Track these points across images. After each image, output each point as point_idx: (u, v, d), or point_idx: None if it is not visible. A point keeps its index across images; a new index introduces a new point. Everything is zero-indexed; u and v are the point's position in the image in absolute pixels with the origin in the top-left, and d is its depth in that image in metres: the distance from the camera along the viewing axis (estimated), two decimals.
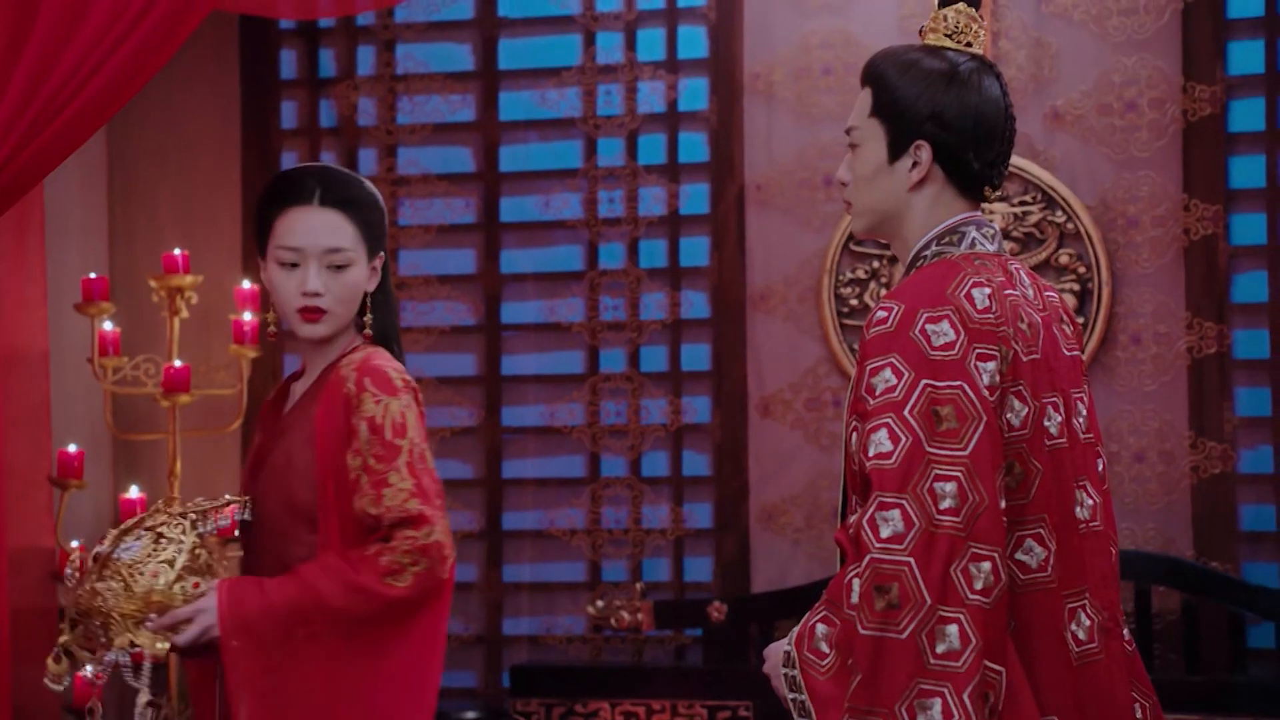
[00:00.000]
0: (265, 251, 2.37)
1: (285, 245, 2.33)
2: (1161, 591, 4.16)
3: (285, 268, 2.33)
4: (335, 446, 2.28)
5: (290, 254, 2.33)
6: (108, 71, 3.07)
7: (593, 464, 4.60)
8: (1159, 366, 4.27)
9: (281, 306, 2.37)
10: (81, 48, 3.06)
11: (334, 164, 2.71)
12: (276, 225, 2.34)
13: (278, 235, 2.34)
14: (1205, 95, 4.24)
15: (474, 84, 4.71)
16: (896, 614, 1.86)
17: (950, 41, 2.11)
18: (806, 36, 4.47)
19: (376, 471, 2.25)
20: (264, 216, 2.37)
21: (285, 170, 2.45)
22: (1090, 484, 2.09)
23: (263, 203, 2.38)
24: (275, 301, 2.38)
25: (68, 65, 3.05)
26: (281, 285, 2.34)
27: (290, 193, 2.35)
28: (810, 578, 4.33)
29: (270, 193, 2.37)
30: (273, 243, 2.34)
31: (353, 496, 2.26)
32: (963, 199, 2.09)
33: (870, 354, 1.97)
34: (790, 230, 4.47)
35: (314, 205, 2.33)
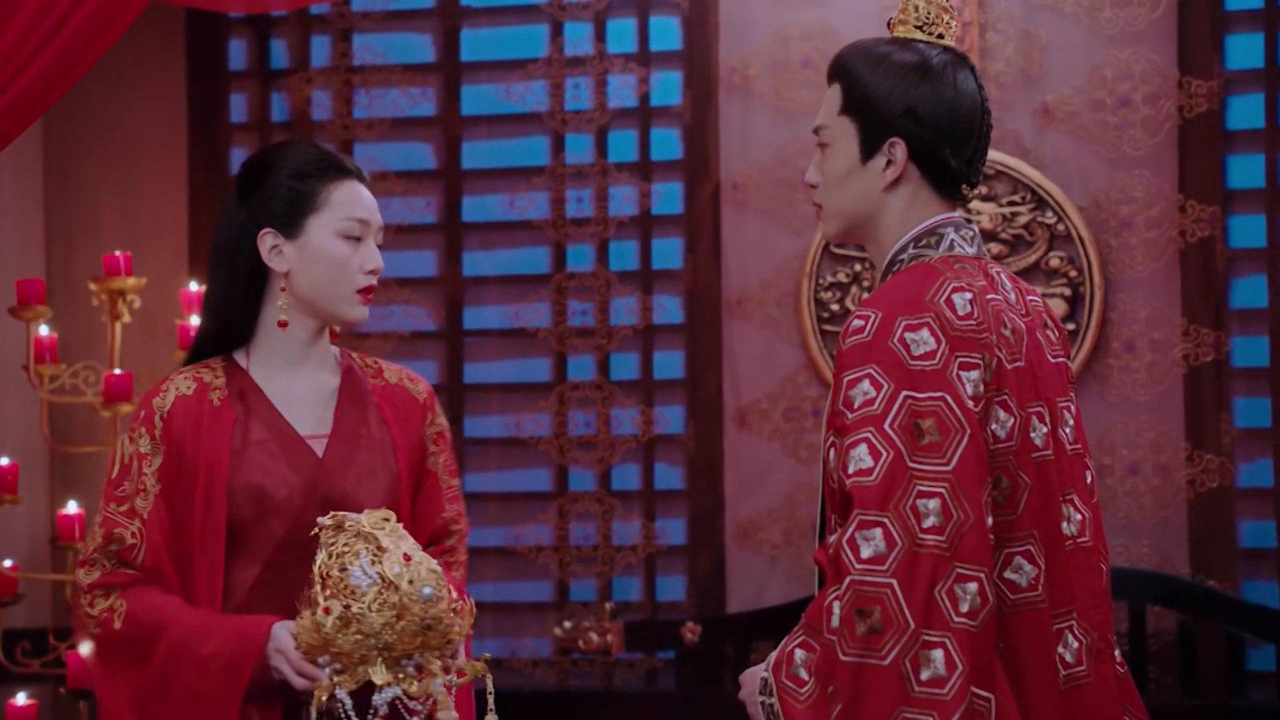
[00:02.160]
0: (300, 224, 2.27)
1: (355, 216, 2.30)
2: (1157, 611, 4.18)
3: (349, 241, 2.30)
4: (416, 458, 2.38)
5: (359, 226, 2.30)
6: (42, 61, 3.05)
7: (560, 477, 4.59)
8: (1154, 375, 4.29)
9: (333, 285, 2.29)
10: (14, 36, 3.04)
11: None
12: (334, 195, 2.29)
13: (339, 205, 2.29)
14: (1202, 91, 4.26)
15: (435, 76, 4.70)
16: (879, 639, 1.86)
17: (921, 34, 2.12)
18: (785, 28, 4.48)
19: (453, 486, 2.44)
20: (307, 186, 2.28)
21: (295, 142, 2.39)
22: (1078, 497, 2.09)
23: (303, 171, 2.29)
24: (318, 279, 2.27)
25: (1, 52, 3.03)
26: (344, 260, 2.29)
27: (338, 163, 2.32)
28: (788, 597, 4.33)
29: (312, 161, 2.30)
30: (329, 214, 2.28)
31: (425, 505, 2.38)
32: (939, 199, 2.10)
33: (847, 365, 1.96)
34: (768, 231, 4.48)
35: (356, 180, 2.33)
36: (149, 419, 2.26)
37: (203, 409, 2.27)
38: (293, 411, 2.31)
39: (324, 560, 2.14)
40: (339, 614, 2.10)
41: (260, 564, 2.26)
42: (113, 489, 2.27)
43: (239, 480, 2.25)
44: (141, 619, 2.21)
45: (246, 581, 2.26)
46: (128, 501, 2.25)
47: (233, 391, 2.29)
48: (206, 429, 2.26)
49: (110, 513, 2.25)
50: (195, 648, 2.18)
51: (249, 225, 2.30)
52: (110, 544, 2.23)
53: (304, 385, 2.33)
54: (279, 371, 2.32)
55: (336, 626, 2.09)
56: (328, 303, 2.31)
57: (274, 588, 2.26)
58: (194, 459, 2.25)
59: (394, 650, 2.11)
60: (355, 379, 2.38)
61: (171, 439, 2.25)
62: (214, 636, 2.19)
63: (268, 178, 2.31)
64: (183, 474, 2.25)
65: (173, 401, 2.26)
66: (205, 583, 2.24)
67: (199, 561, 2.24)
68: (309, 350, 2.33)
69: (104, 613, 2.22)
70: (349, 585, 2.11)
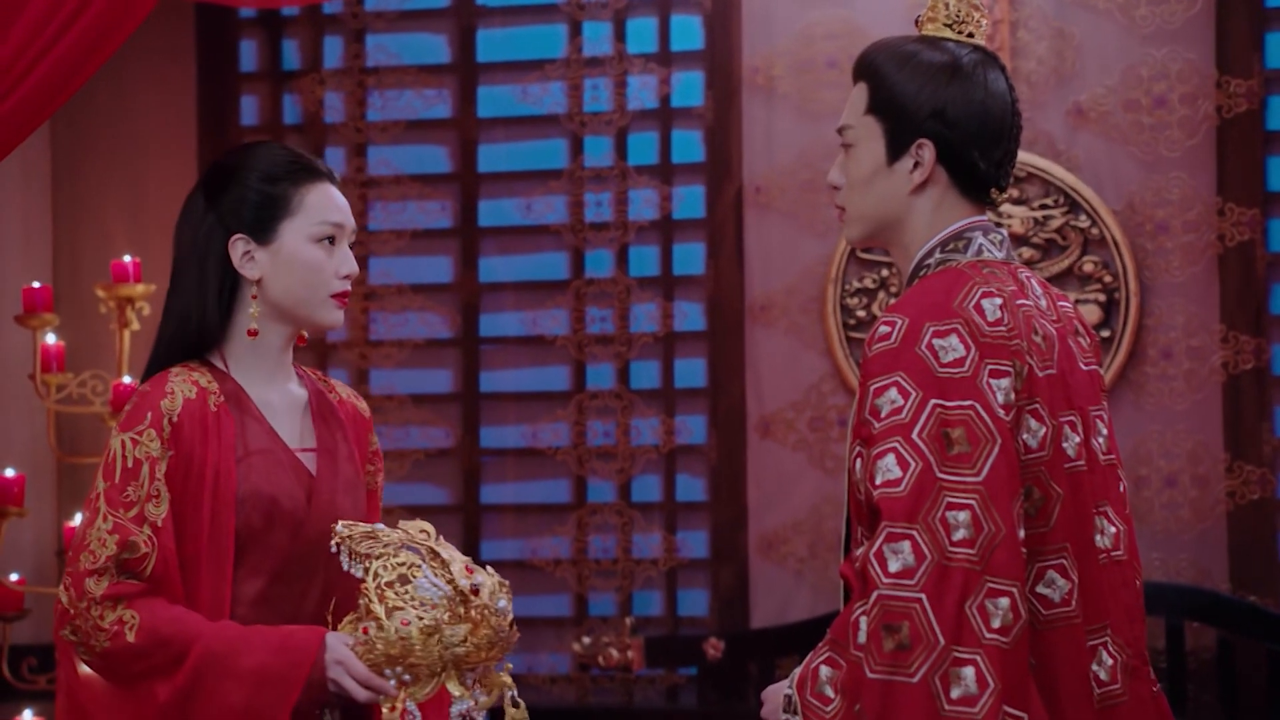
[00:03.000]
0: (273, 230, 2.27)
1: (329, 220, 2.29)
2: (1195, 628, 4.15)
3: (322, 245, 2.29)
4: (364, 473, 2.40)
5: (334, 229, 2.30)
6: (48, 64, 3.06)
7: (578, 488, 4.58)
8: (1192, 384, 4.26)
9: (308, 290, 2.28)
10: (19, 39, 3.05)
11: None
12: (307, 198, 2.29)
13: (313, 209, 2.29)
14: (1241, 90, 4.24)
15: (450, 77, 4.70)
16: (907, 655, 1.85)
17: (950, 32, 2.11)
18: (809, 27, 4.47)
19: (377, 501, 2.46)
20: (278, 190, 2.28)
21: (263, 144, 2.37)
22: (1112, 509, 2.08)
23: (274, 174, 2.28)
24: (293, 285, 2.27)
25: (5, 56, 3.04)
26: (318, 264, 2.28)
27: (309, 165, 2.31)
28: (814, 612, 4.32)
29: (282, 163, 2.29)
30: (302, 218, 2.28)
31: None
32: (967, 202, 2.09)
33: (874, 373, 1.96)
34: (792, 235, 4.47)
35: (328, 182, 2.33)
36: (157, 421, 2.22)
37: (206, 414, 2.25)
38: (276, 423, 2.31)
39: (378, 570, 2.15)
40: (422, 625, 2.12)
41: (265, 577, 2.25)
42: (117, 493, 2.20)
43: (247, 489, 2.24)
44: (161, 631, 2.15)
45: (250, 595, 2.24)
46: (135, 507, 2.20)
47: (228, 397, 2.28)
48: (213, 435, 2.24)
49: (120, 518, 2.19)
50: (233, 660, 2.15)
51: (218, 230, 2.29)
52: (123, 552, 2.18)
53: (279, 396, 2.33)
54: (257, 380, 2.31)
55: (420, 638, 2.12)
56: (303, 309, 2.30)
57: (278, 602, 2.26)
58: (201, 465, 2.23)
59: (466, 662, 2.15)
60: (320, 393, 2.39)
61: (180, 443, 2.22)
62: (255, 649, 2.16)
63: (236, 181, 2.30)
64: (189, 480, 2.22)
65: (181, 405, 2.23)
66: (209, 595, 2.21)
67: (204, 573, 2.21)
68: (281, 358, 2.34)
69: (114, 625, 2.16)
70: (417, 597, 2.14)
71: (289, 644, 2.17)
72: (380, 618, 2.13)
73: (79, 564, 2.19)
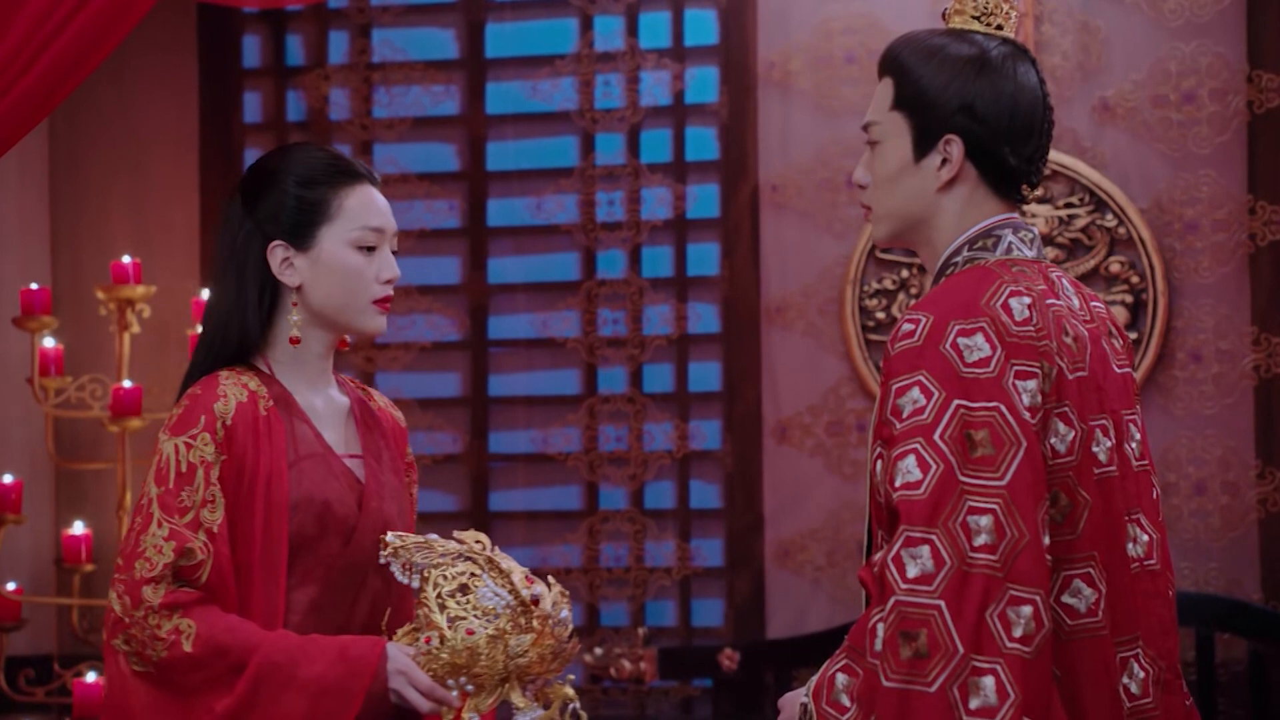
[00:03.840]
0: (312, 236, 2.29)
1: (370, 225, 2.30)
2: (1225, 639, 4.14)
3: (362, 251, 2.30)
4: (405, 481, 2.44)
5: (374, 235, 2.31)
6: (47, 60, 3.07)
7: (590, 495, 4.58)
8: (1222, 387, 4.25)
9: (349, 296, 2.30)
10: (18, 35, 3.06)
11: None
12: (346, 202, 2.30)
13: (352, 213, 2.30)
14: (1273, 85, 4.23)
15: (458, 73, 4.71)
16: (925, 664, 1.83)
17: (978, 24, 2.10)
18: (827, 21, 4.47)
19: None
20: (317, 195, 2.29)
21: (301, 146, 2.37)
22: (1144, 517, 2.07)
23: (312, 178, 2.29)
24: (333, 291, 2.29)
25: (4, 53, 3.05)
26: (358, 271, 2.29)
27: (348, 168, 2.32)
28: (832, 622, 4.31)
29: (320, 166, 2.31)
30: (342, 223, 2.29)
31: None
32: (997, 199, 2.08)
33: (896, 372, 1.95)
34: (809, 235, 4.47)
35: (369, 184, 2.34)
36: (211, 424, 2.22)
37: (257, 418, 2.26)
38: (322, 428, 2.33)
39: (437, 580, 2.19)
40: (488, 634, 2.15)
41: (317, 585, 2.26)
42: (171, 498, 2.19)
43: (300, 494, 2.25)
44: (219, 640, 2.16)
45: (303, 603, 2.25)
46: (190, 512, 2.20)
47: (276, 401, 2.29)
48: (264, 439, 2.25)
49: (175, 525, 2.18)
50: (293, 670, 2.16)
51: (257, 237, 2.30)
52: (180, 559, 2.18)
53: (323, 401, 2.35)
54: (301, 385, 2.33)
55: (486, 646, 2.15)
56: (344, 315, 2.31)
57: (330, 611, 2.27)
58: (254, 470, 2.23)
59: (529, 673, 2.18)
60: (362, 400, 2.42)
61: (234, 447, 2.23)
62: (315, 658, 2.17)
63: (274, 186, 2.30)
64: (241, 485, 2.23)
65: (235, 408, 2.24)
66: (263, 603, 2.22)
67: (257, 580, 2.22)
68: (324, 364, 2.36)
69: (171, 634, 2.16)
70: (480, 606, 2.17)
71: (349, 654, 2.18)
72: (442, 628, 2.16)
73: (134, 571, 2.18)
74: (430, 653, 2.17)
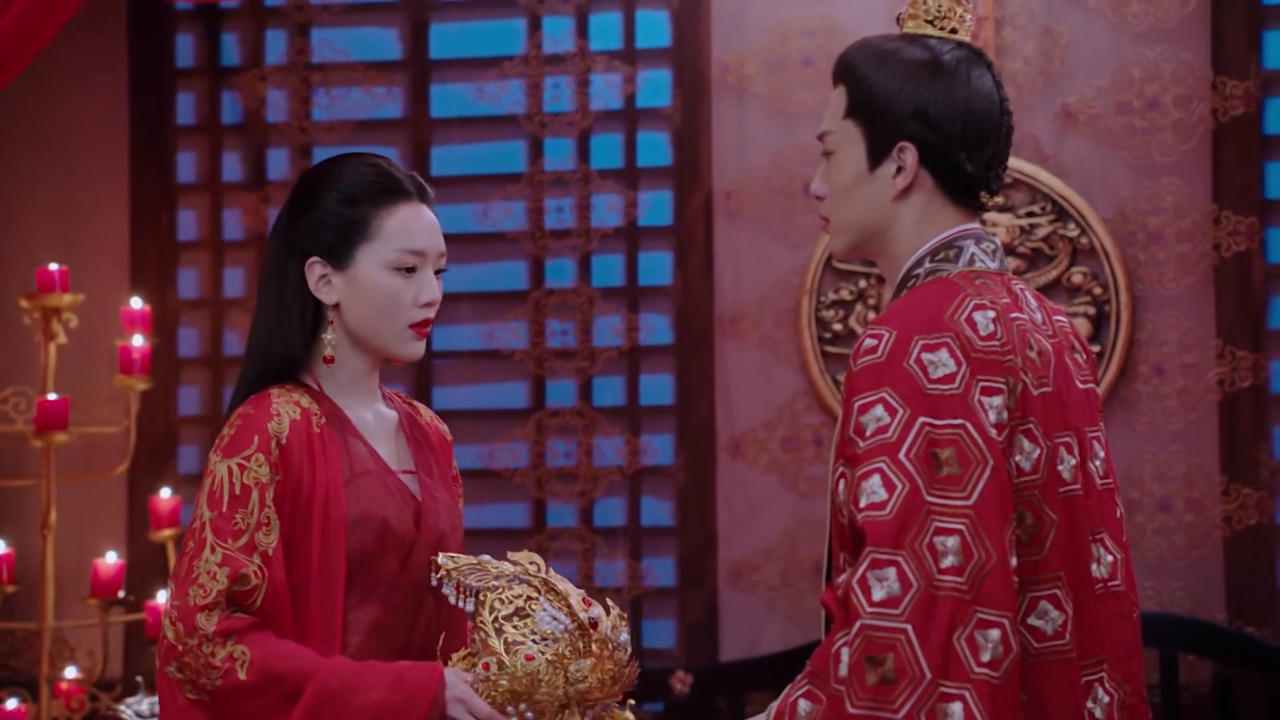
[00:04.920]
0: (349, 255, 2.30)
1: (411, 248, 2.31)
2: (1190, 660, 4.17)
3: (401, 273, 2.31)
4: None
5: (413, 258, 2.31)
6: None
7: (537, 512, 4.57)
8: (1186, 402, 4.29)
9: (383, 320, 2.30)
10: None
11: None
12: (387, 223, 2.30)
13: (393, 235, 2.30)
14: (1238, 92, 4.27)
15: (401, 75, 4.69)
16: (891, 690, 1.84)
17: (932, 29, 2.12)
18: (783, 23, 4.49)
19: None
20: (358, 213, 2.30)
21: (350, 159, 2.36)
22: (1109, 537, 2.08)
23: (354, 195, 2.31)
24: (367, 313, 2.30)
25: None
26: (394, 294, 2.30)
27: (394, 185, 2.33)
28: (787, 644, 4.32)
29: (364, 183, 2.31)
30: (380, 244, 2.30)
31: None
32: (956, 208, 2.09)
33: (859, 389, 1.95)
34: (765, 244, 4.48)
35: (416, 202, 2.34)
36: (265, 444, 2.24)
37: (311, 435, 2.28)
38: (374, 444, 2.35)
39: (494, 604, 2.20)
40: (547, 659, 2.16)
41: (378, 604, 2.28)
42: (225, 522, 2.21)
43: (358, 512, 2.27)
44: (274, 667, 2.17)
45: (363, 623, 2.27)
46: (244, 536, 2.20)
47: (328, 418, 2.31)
48: (319, 457, 2.27)
49: (229, 549, 2.19)
50: (350, 697, 2.17)
51: (297, 252, 2.32)
52: (234, 585, 2.19)
53: (373, 416, 2.37)
54: (351, 401, 2.35)
55: (547, 672, 2.16)
56: (378, 339, 2.32)
57: (390, 632, 2.29)
58: (310, 489, 2.25)
59: (588, 698, 2.20)
60: (410, 414, 2.44)
61: (289, 467, 2.24)
62: (372, 685, 2.18)
63: (316, 201, 2.32)
64: (298, 505, 2.24)
65: (289, 427, 2.26)
66: (320, 624, 2.24)
67: (314, 601, 2.24)
68: (370, 380, 2.38)
69: (225, 661, 2.17)
70: (538, 630, 2.18)
71: (406, 680, 2.19)
72: (500, 653, 2.17)
73: (188, 598, 2.19)
74: (489, 679, 2.17)
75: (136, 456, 4.32)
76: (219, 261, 4.74)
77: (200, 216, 4.75)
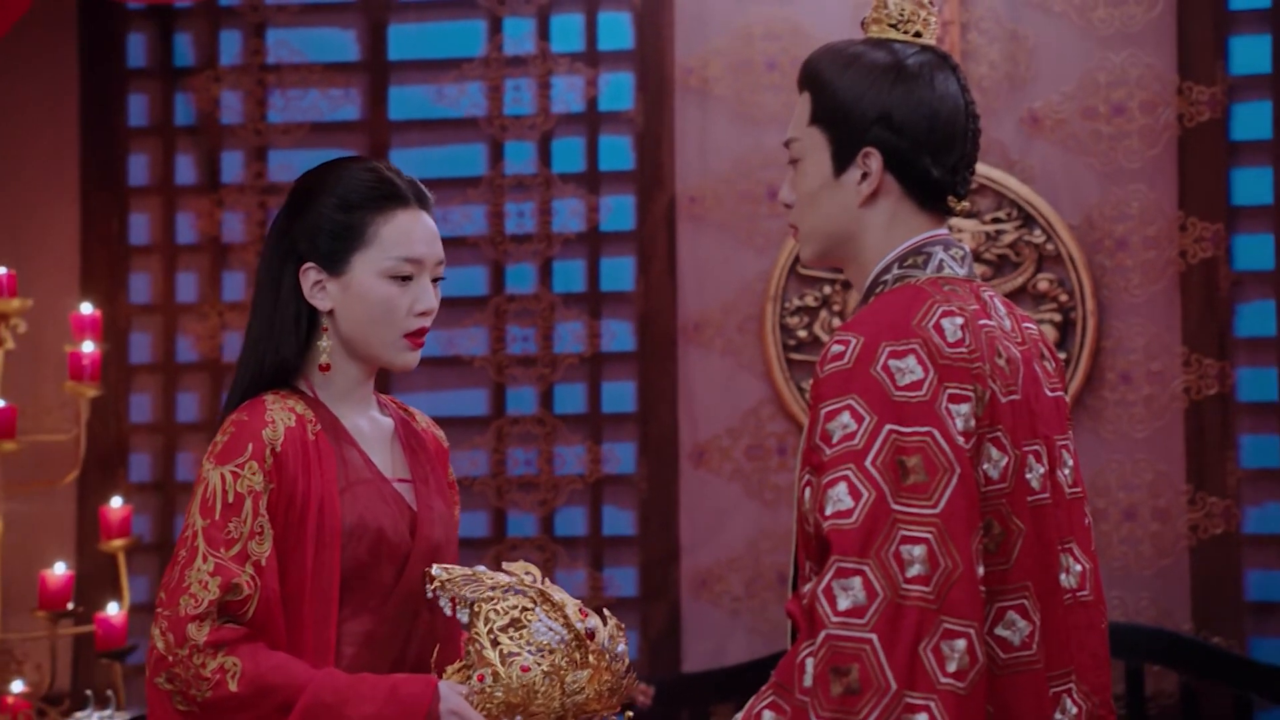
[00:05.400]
0: (344, 261, 2.29)
1: (408, 256, 2.29)
2: (1156, 671, 4.19)
3: (396, 281, 2.29)
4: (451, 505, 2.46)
5: (410, 266, 2.29)
6: None
7: (497, 521, 4.56)
8: (1152, 410, 4.31)
9: (377, 329, 2.29)
10: None
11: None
12: (384, 230, 2.29)
13: (389, 242, 2.28)
14: (1204, 98, 4.30)
15: (359, 77, 4.68)
16: (856, 700, 1.84)
17: (895, 32, 2.12)
18: (747, 26, 4.50)
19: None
20: (354, 219, 2.29)
21: (348, 163, 2.36)
22: (1077, 547, 2.09)
23: (350, 200, 2.29)
24: (361, 321, 2.29)
25: None
26: (389, 302, 2.28)
27: (392, 191, 2.31)
28: (751, 655, 4.32)
29: (362, 188, 2.30)
30: (376, 251, 2.28)
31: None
32: (924, 213, 2.10)
33: (825, 395, 1.95)
34: (729, 250, 4.48)
35: (415, 208, 2.33)
36: (259, 452, 2.22)
37: (307, 443, 2.27)
38: (370, 452, 2.34)
39: (489, 615, 2.19)
40: (544, 671, 2.15)
41: (372, 616, 2.28)
42: (217, 530, 2.20)
43: (352, 521, 2.26)
44: (266, 679, 2.16)
45: (358, 635, 2.27)
46: (237, 545, 2.19)
47: (324, 425, 2.30)
48: (314, 464, 2.26)
49: (221, 559, 2.18)
50: (343, 710, 2.16)
51: (292, 256, 2.31)
52: (226, 594, 2.17)
53: (369, 424, 2.36)
54: (346, 408, 2.34)
55: (544, 684, 2.15)
56: (372, 348, 2.31)
57: (385, 644, 2.28)
58: (305, 497, 2.24)
59: (585, 710, 2.18)
60: (405, 421, 2.43)
61: (284, 475, 2.23)
62: (365, 698, 2.17)
63: (313, 205, 2.31)
64: (292, 514, 2.24)
65: (284, 434, 2.25)
66: (314, 635, 2.23)
67: (307, 611, 2.23)
68: (364, 388, 2.36)
69: (216, 673, 2.16)
70: (534, 641, 2.17)
71: (400, 693, 2.18)
72: (495, 665, 2.16)
73: (179, 608, 2.18)
74: (484, 691, 2.17)
75: (86, 465, 4.29)
76: (171, 266, 4.71)
77: (152, 220, 4.73)
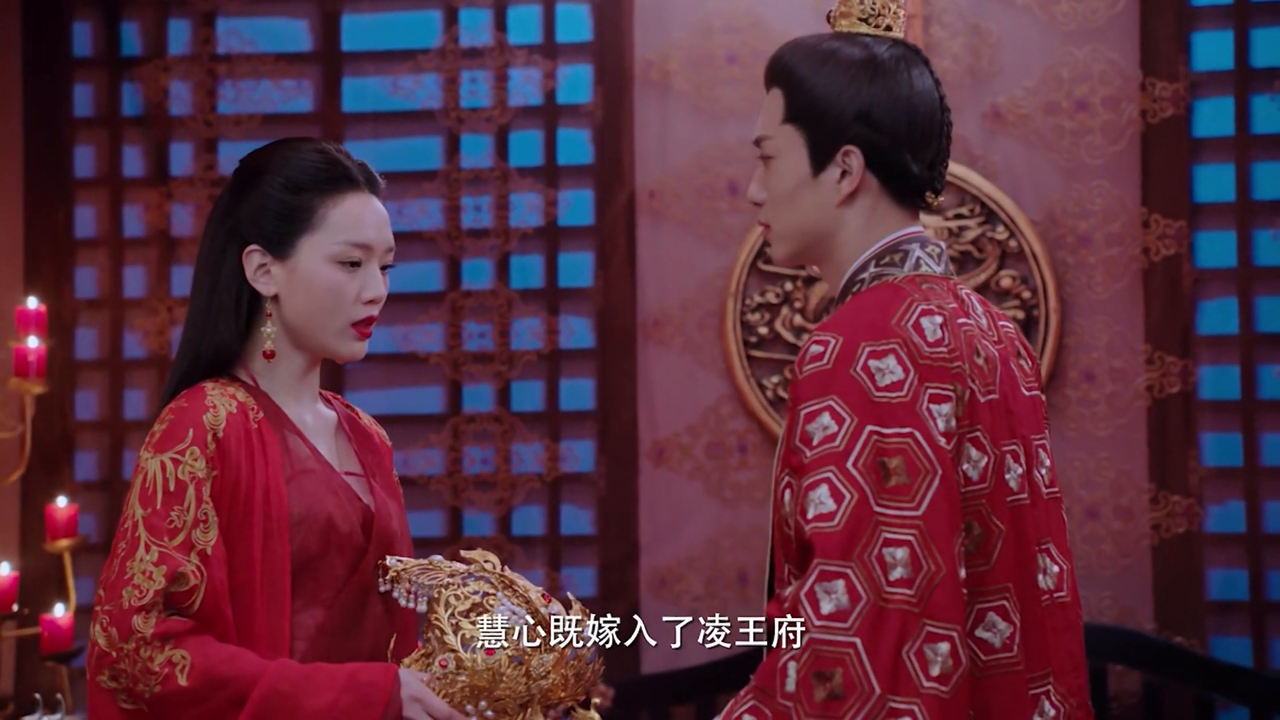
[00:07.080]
0: (290, 244, 2.24)
1: (357, 241, 2.25)
2: (1119, 671, 4.22)
3: (344, 267, 2.25)
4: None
5: (359, 251, 2.25)
6: None
7: (454, 521, 4.55)
8: (1114, 408, 4.34)
9: (324, 315, 2.25)
10: None
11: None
12: (332, 213, 2.25)
13: (338, 226, 2.25)
14: (1167, 94, 4.34)
15: (312, 67, 4.65)
16: (839, 705, 1.84)
17: (866, 26, 2.12)
18: (708, 19, 4.50)
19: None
20: (301, 201, 2.24)
21: (296, 143, 2.30)
22: (1055, 547, 2.10)
23: (298, 181, 2.25)
24: (306, 308, 2.24)
25: None
26: (336, 288, 2.24)
27: (342, 173, 2.27)
28: (711, 656, 4.31)
29: (310, 169, 2.26)
30: (324, 235, 2.24)
31: None
32: (901, 210, 2.10)
33: (805, 396, 1.95)
34: (689, 245, 4.48)
35: (365, 192, 2.29)
36: (200, 437, 2.18)
37: (249, 430, 2.22)
38: (315, 443, 2.30)
39: (449, 600, 2.17)
40: (509, 654, 2.15)
41: (324, 608, 2.24)
42: (159, 519, 2.15)
43: (301, 510, 2.23)
44: (217, 671, 2.12)
45: (309, 628, 2.23)
46: (181, 533, 2.14)
47: (266, 413, 2.26)
48: (258, 452, 2.22)
49: (165, 547, 2.13)
50: (299, 700, 2.12)
51: (235, 238, 2.27)
52: (171, 585, 2.13)
53: (312, 416, 2.33)
54: (289, 399, 2.30)
55: (509, 667, 2.14)
56: (319, 336, 2.27)
57: (339, 636, 2.25)
58: (250, 485, 2.20)
59: (552, 696, 2.18)
60: (350, 416, 2.40)
61: (227, 462, 2.19)
62: (323, 688, 2.14)
63: (258, 186, 2.26)
64: (237, 502, 2.19)
65: (225, 420, 2.20)
66: (265, 628, 2.19)
67: (258, 604, 2.19)
68: (308, 378, 2.33)
69: (164, 667, 2.11)
70: (499, 626, 2.16)
71: (358, 681, 2.15)
72: (457, 649, 2.15)
73: (122, 600, 2.12)
74: (446, 676, 2.15)
75: (31, 463, 4.25)
76: (119, 260, 4.67)
77: (99, 212, 4.68)
